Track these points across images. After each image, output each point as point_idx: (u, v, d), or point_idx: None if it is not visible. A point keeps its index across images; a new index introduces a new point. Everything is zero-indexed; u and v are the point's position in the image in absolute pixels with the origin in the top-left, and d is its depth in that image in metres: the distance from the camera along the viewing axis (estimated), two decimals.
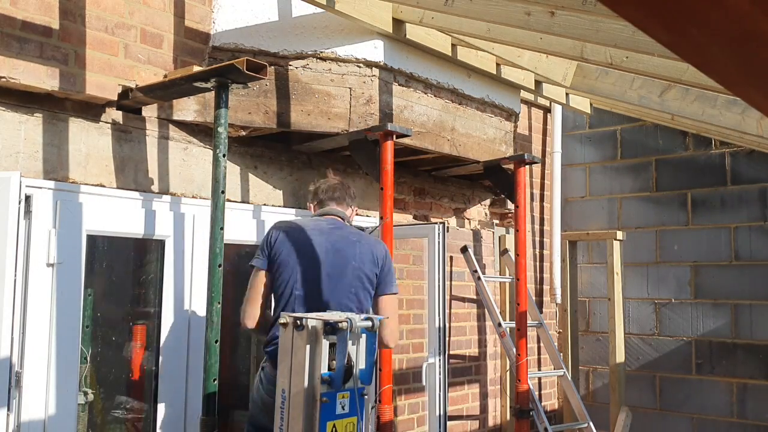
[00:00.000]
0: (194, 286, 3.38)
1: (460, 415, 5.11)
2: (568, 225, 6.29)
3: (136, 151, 3.26)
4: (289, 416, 2.40)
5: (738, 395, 5.45)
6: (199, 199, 3.46)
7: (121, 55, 3.16)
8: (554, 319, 6.15)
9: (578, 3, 2.73)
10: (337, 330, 2.41)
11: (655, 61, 3.32)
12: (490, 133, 4.69)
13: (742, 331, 5.47)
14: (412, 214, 4.77)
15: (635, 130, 6.08)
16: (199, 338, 3.11)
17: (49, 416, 2.86)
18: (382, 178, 3.59)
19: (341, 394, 2.44)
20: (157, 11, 3.30)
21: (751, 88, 0.82)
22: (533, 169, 6.03)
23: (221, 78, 2.88)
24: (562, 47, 3.55)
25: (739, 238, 5.52)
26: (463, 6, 3.20)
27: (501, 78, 4.54)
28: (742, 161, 5.56)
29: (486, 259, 5.38)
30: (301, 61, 3.63)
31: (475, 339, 5.30)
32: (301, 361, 2.39)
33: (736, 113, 3.88)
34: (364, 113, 3.73)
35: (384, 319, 2.80)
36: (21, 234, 2.85)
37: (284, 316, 2.50)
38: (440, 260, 4.07)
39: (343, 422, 2.44)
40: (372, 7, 3.59)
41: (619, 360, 5.63)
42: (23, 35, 2.84)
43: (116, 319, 3.43)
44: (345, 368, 2.44)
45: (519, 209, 4.51)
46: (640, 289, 5.99)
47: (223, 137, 2.89)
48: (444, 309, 4.08)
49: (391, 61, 3.85)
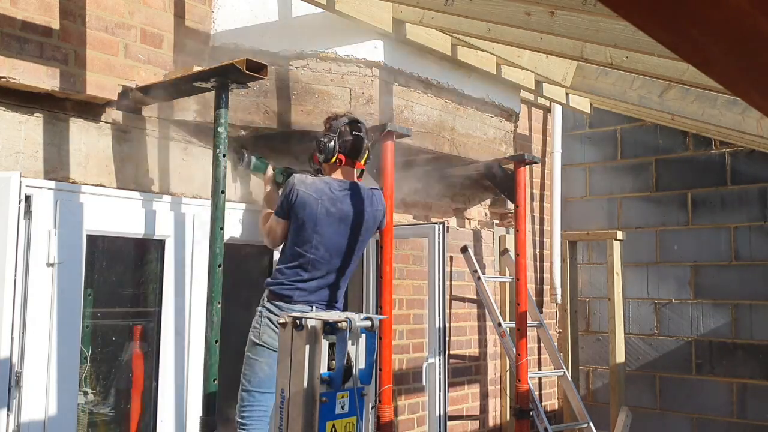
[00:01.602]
0: (194, 286, 3.38)
1: (460, 415, 5.11)
2: (568, 225, 6.29)
3: (136, 151, 3.26)
4: (288, 416, 2.40)
5: (738, 395, 5.45)
6: (199, 199, 3.46)
7: (121, 55, 3.16)
8: (554, 319, 6.15)
9: (578, 3, 2.72)
10: (337, 330, 2.41)
11: (655, 61, 3.32)
12: (490, 133, 4.69)
13: (742, 331, 5.47)
14: (412, 214, 4.77)
15: (635, 130, 6.08)
16: (199, 338, 3.11)
17: (49, 416, 2.86)
18: (382, 178, 3.59)
19: (341, 394, 2.44)
20: (157, 11, 3.30)
21: (751, 88, 0.82)
22: (533, 169, 6.03)
23: (221, 78, 2.88)
24: (562, 47, 3.55)
25: (739, 238, 5.52)
26: (463, 6, 3.20)
27: (501, 78, 4.54)
28: (742, 161, 5.56)
29: (486, 259, 5.38)
30: (301, 61, 3.63)
31: (475, 339, 5.30)
32: (300, 361, 2.39)
33: (736, 113, 3.88)
34: (364, 113, 3.73)
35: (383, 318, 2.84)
36: (21, 234, 2.85)
37: (283, 316, 2.50)
38: (440, 260, 4.07)
39: (343, 422, 2.44)
40: (372, 7, 3.58)
41: (619, 360, 5.63)
42: (23, 35, 2.83)
43: (116, 319, 3.43)
44: (344, 368, 2.44)
45: (519, 209, 4.51)
46: (640, 289, 5.99)
47: (223, 137, 2.89)
48: (444, 309, 4.08)
49: (391, 61, 3.84)
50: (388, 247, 3.56)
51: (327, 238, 3.16)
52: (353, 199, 3.23)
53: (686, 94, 4.07)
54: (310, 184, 3.18)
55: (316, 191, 3.16)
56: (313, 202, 3.14)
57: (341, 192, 3.22)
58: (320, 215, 3.15)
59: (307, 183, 3.18)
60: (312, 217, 3.14)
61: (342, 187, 3.24)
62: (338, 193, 3.21)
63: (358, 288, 4.48)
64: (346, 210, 3.21)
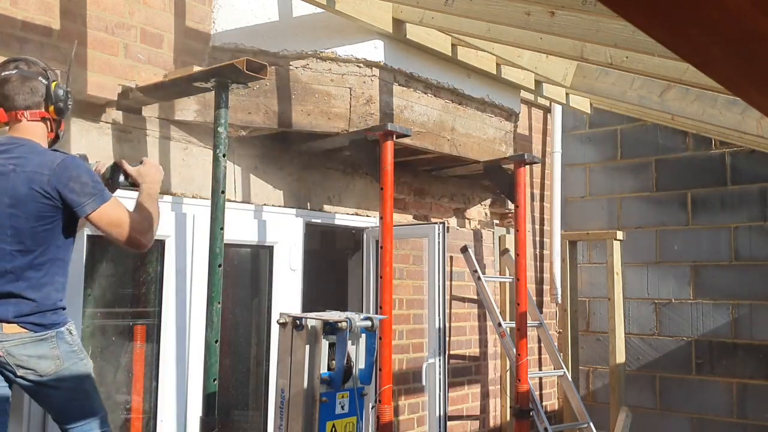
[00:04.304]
0: (194, 286, 3.38)
1: (460, 415, 5.11)
2: (568, 225, 6.29)
3: (137, 151, 3.26)
4: (288, 416, 2.40)
5: (738, 395, 5.45)
6: (199, 199, 3.46)
7: (121, 55, 3.16)
8: (554, 319, 6.15)
9: (578, 3, 2.72)
10: (337, 330, 2.41)
11: (655, 61, 3.32)
12: (490, 133, 4.69)
13: (742, 331, 5.47)
14: (412, 214, 4.77)
15: (635, 130, 6.08)
16: (199, 338, 3.11)
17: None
18: (382, 178, 3.59)
19: (341, 394, 2.44)
20: (157, 11, 3.30)
21: (751, 88, 0.82)
22: (533, 169, 6.03)
23: (221, 78, 2.88)
24: (562, 47, 3.55)
25: (739, 238, 5.52)
26: (463, 6, 3.20)
27: (501, 78, 4.54)
28: (742, 161, 5.56)
29: (486, 259, 5.38)
30: (301, 61, 3.63)
31: (475, 339, 5.30)
32: (300, 361, 2.39)
33: (736, 113, 3.88)
34: (364, 113, 3.73)
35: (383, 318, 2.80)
36: None
37: (283, 315, 2.50)
38: (440, 260, 4.07)
39: (343, 422, 2.44)
40: (372, 7, 3.59)
41: (619, 360, 5.63)
42: (23, 35, 2.84)
43: (116, 319, 3.43)
44: (344, 368, 2.44)
45: (519, 209, 4.51)
46: (640, 289, 5.99)
47: (223, 137, 2.89)
48: (444, 309, 4.08)
49: (391, 61, 3.85)
50: (388, 247, 3.56)
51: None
52: (2, 156, 2.41)
53: (686, 94, 4.07)
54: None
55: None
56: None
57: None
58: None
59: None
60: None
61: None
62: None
63: (358, 288, 4.49)
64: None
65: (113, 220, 2.43)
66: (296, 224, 3.93)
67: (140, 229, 2.47)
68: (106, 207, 2.41)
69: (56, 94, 2.49)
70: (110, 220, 2.42)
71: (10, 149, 2.41)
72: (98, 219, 2.40)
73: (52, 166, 2.36)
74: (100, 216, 2.40)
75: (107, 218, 2.42)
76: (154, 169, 2.73)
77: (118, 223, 2.43)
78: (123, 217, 2.45)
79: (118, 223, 2.43)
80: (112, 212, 2.43)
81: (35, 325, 2.34)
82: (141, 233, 2.47)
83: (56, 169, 2.36)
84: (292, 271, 3.88)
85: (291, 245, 3.89)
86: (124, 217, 2.45)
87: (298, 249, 3.92)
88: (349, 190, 4.31)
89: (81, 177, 2.39)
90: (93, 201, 2.38)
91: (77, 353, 2.44)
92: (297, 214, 3.95)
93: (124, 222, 2.44)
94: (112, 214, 2.43)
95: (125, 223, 2.44)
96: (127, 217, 2.46)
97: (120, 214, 2.45)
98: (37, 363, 2.33)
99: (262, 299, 3.91)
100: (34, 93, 2.46)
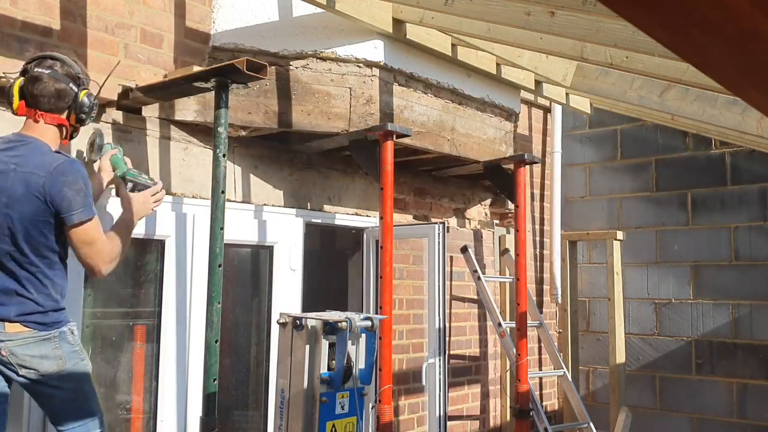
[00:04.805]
0: (194, 286, 3.38)
1: (460, 415, 5.11)
2: (568, 225, 6.29)
3: (137, 151, 3.26)
4: (288, 416, 2.40)
5: (738, 395, 5.45)
6: (199, 199, 3.46)
7: (121, 55, 3.16)
8: (554, 319, 6.15)
9: (578, 3, 2.72)
10: (337, 330, 2.41)
11: (655, 61, 3.32)
12: (490, 133, 4.69)
13: (742, 331, 5.47)
14: (412, 214, 4.77)
15: (635, 130, 6.08)
16: (199, 338, 3.11)
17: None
18: (382, 178, 3.59)
19: (341, 393, 2.44)
20: (157, 11, 3.30)
21: (751, 88, 0.82)
22: (533, 169, 6.03)
23: (221, 78, 2.88)
24: (562, 47, 3.55)
25: (739, 238, 5.52)
26: (463, 6, 3.20)
27: (501, 78, 4.54)
28: (742, 161, 5.56)
29: (486, 259, 5.38)
30: (301, 61, 3.63)
31: (475, 339, 5.30)
32: (300, 361, 2.39)
33: (736, 113, 3.88)
34: (364, 113, 3.73)
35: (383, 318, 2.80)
36: None
37: (283, 315, 2.50)
38: (440, 260, 4.07)
39: (343, 422, 2.44)
40: (372, 7, 3.59)
41: (619, 360, 5.63)
42: (23, 35, 2.84)
43: (116, 319, 3.43)
44: (344, 368, 2.44)
45: (519, 209, 4.51)
46: (640, 289, 5.99)
47: (223, 137, 2.89)
48: (444, 309, 4.08)
49: (391, 61, 3.85)
50: (388, 247, 3.56)
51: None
52: (6, 153, 2.42)
53: (686, 94, 4.08)
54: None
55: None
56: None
57: (3, 146, 2.46)
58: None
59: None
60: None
61: (6, 140, 2.48)
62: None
63: (358, 288, 4.49)
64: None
65: (89, 238, 2.41)
66: (296, 224, 3.93)
67: (106, 258, 2.45)
68: (90, 223, 2.40)
69: (82, 102, 2.51)
70: (87, 237, 2.40)
71: (15, 147, 2.42)
72: (78, 232, 2.38)
73: (49, 169, 2.36)
74: (83, 230, 2.38)
75: (85, 235, 2.40)
76: (144, 206, 2.75)
77: (91, 243, 2.41)
78: (97, 239, 2.43)
79: (91, 243, 2.41)
80: (92, 230, 2.41)
81: (38, 324, 2.35)
82: (104, 262, 2.45)
83: (52, 173, 2.35)
84: (292, 271, 3.88)
85: (291, 245, 3.89)
86: (98, 240, 2.43)
87: (298, 249, 3.92)
88: (349, 190, 4.31)
89: (76, 183, 2.38)
90: (82, 212, 2.37)
91: (78, 353, 2.45)
92: (297, 214, 3.95)
93: (96, 244, 2.42)
94: (90, 232, 2.41)
95: (96, 246, 2.42)
96: (100, 240, 2.43)
97: (97, 234, 2.43)
98: (39, 363, 2.34)
99: (262, 299, 3.91)
100: (60, 98, 2.48)
